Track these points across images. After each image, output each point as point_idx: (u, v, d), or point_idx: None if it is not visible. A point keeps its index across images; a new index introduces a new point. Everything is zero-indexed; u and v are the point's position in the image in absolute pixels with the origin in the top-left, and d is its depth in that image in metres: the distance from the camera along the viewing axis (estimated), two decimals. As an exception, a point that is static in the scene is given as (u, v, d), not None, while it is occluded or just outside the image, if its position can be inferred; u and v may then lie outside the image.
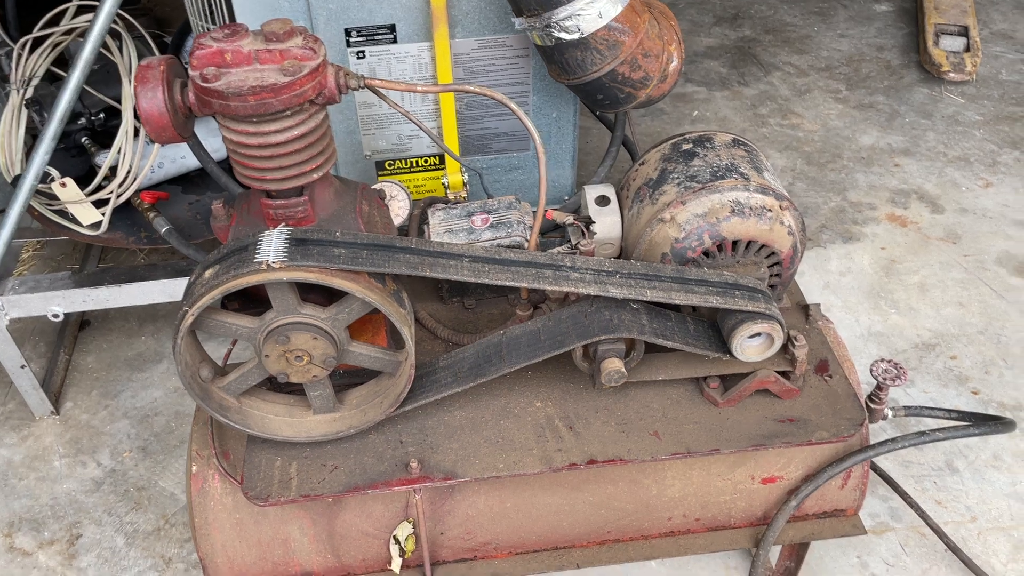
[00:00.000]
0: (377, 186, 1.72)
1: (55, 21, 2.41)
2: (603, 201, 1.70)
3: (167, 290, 2.19)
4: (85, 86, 2.40)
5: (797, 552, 1.87)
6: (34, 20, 2.45)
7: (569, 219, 1.72)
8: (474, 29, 1.95)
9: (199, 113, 1.36)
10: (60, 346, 2.56)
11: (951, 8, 3.93)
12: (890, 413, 1.82)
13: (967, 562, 2.02)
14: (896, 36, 4.01)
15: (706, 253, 1.56)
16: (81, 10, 2.41)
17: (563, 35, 1.72)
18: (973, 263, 2.83)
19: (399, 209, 1.78)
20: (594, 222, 1.68)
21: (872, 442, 1.72)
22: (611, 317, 1.44)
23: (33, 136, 2.47)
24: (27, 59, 2.40)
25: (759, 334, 1.49)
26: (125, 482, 2.25)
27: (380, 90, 1.44)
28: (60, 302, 2.17)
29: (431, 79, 1.99)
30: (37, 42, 2.40)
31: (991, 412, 2.36)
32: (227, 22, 1.90)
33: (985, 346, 2.55)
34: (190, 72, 1.32)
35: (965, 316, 2.65)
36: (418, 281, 1.79)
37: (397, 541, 1.68)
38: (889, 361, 1.75)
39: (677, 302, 1.44)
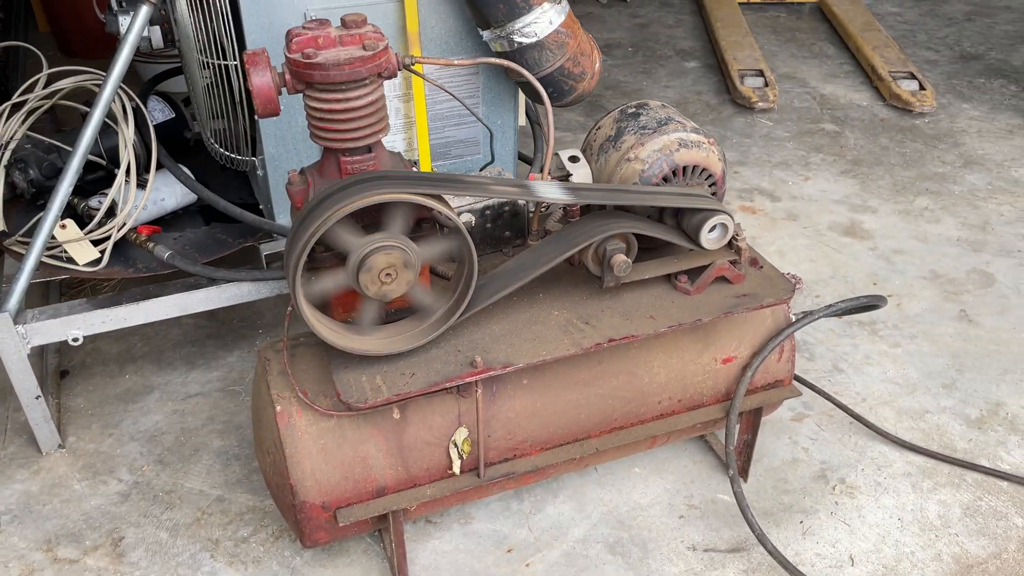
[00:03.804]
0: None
1: (30, 89, 2.66)
2: (574, 159, 2.20)
3: (180, 304, 2.43)
4: (64, 146, 2.66)
5: (752, 424, 2.36)
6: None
7: (548, 178, 2.20)
8: (437, 51, 2.43)
9: (291, 90, 1.74)
10: (47, 393, 2.67)
11: (747, 58, 4.85)
12: (793, 317, 2.39)
13: (869, 424, 2.59)
14: (708, 83, 4.88)
15: (665, 179, 2.08)
16: (52, 78, 2.68)
17: (523, 39, 2.24)
18: (812, 232, 3.55)
19: (412, 185, 2.19)
20: (571, 175, 2.17)
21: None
22: (618, 221, 1.92)
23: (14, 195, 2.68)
24: (3, 124, 2.62)
25: (716, 227, 2.02)
26: (151, 490, 2.41)
27: (423, 66, 1.88)
28: (80, 325, 2.35)
29: (407, 93, 2.43)
30: (14, 108, 2.64)
31: (854, 328, 3.01)
32: (237, 55, 2.27)
33: (838, 286, 3.23)
34: (289, 55, 1.71)
35: (817, 268, 3.33)
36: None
37: (455, 445, 2.02)
38: (789, 274, 2.33)
39: (668, 205, 1.95)
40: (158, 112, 2.83)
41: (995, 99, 4.73)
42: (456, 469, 2.03)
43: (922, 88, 4.62)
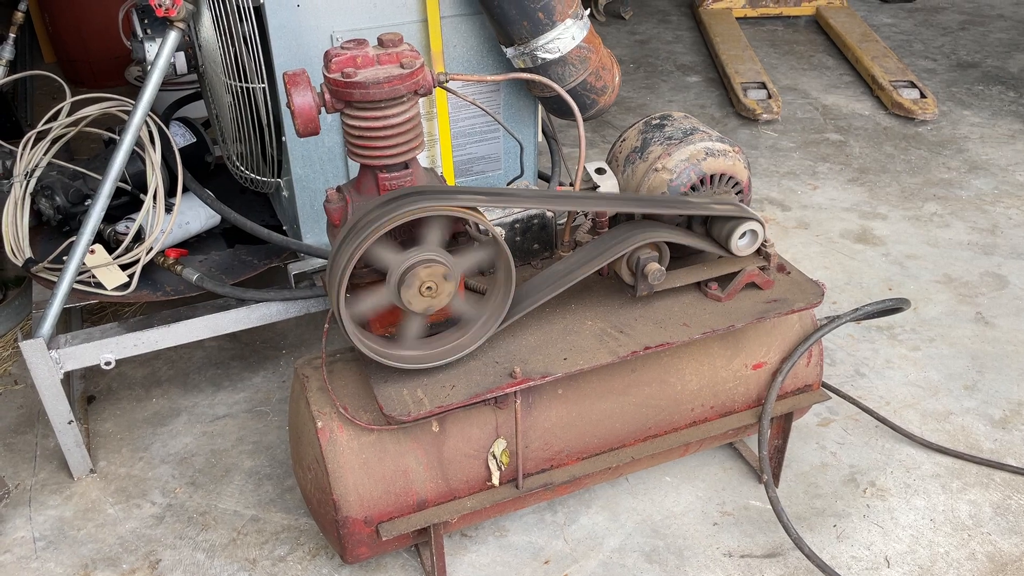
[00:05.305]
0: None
1: (54, 117, 2.68)
2: (601, 171, 2.22)
3: (211, 325, 2.45)
4: (90, 172, 2.68)
5: (783, 429, 2.38)
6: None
7: (575, 190, 2.23)
8: (460, 70, 2.47)
9: (331, 109, 1.77)
10: (75, 419, 2.68)
11: (748, 71, 4.91)
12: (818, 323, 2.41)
13: (895, 427, 2.61)
14: (711, 97, 4.94)
15: (693, 187, 2.11)
16: (76, 106, 2.70)
17: (547, 55, 2.27)
18: (824, 240, 3.59)
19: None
20: (599, 187, 2.20)
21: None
22: (650, 230, 1.95)
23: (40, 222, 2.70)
24: (30, 153, 2.64)
25: (746, 233, 2.04)
26: (185, 511, 2.41)
27: (458, 83, 1.91)
28: (113, 349, 2.36)
29: (430, 111, 2.47)
30: (39, 137, 2.66)
31: (873, 333, 3.04)
32: (265, 78, 2.30)
33: (853, 292, 3.26)
34: (328, 75, 1.74)
35: (832, 275, 3.37)
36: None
37: (494, 456, 2.03)
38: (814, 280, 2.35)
39: (700, 213, 1.97)
40: (180, 137, 2.86)
41: (995, 105, 4.79)
42: (495, 480, 2.05)
43: (923, 96, 4.68)
